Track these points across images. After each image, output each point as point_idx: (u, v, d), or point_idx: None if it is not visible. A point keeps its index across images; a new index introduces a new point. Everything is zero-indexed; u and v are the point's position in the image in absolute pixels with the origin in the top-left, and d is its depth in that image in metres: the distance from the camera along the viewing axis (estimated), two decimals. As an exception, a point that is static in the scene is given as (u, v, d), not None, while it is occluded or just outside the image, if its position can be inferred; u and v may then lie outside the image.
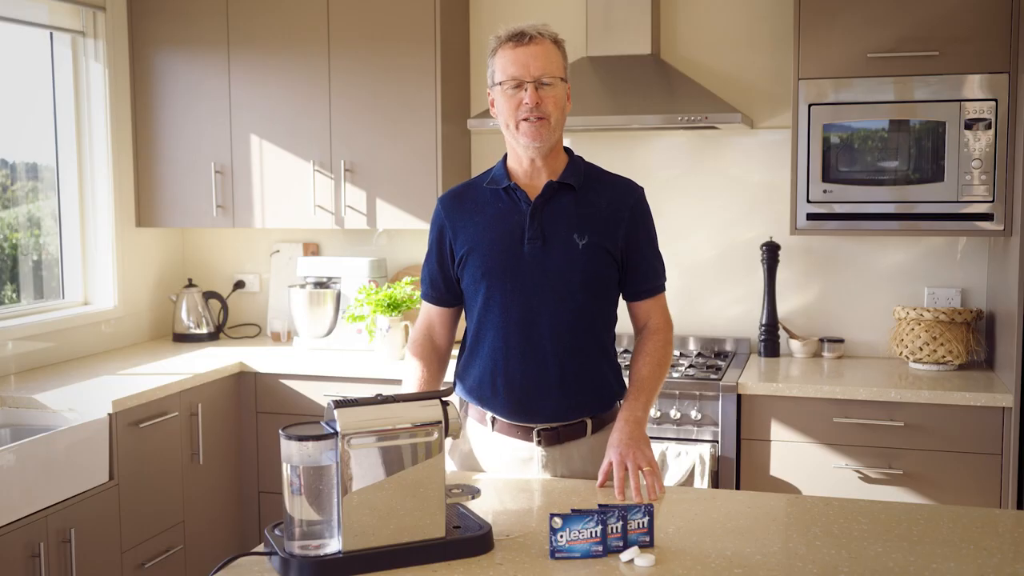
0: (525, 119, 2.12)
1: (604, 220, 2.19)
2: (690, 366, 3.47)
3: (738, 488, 3.22)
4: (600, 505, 1.78)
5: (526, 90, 2.11)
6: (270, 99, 3.84)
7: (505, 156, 2.25)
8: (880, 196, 3.27)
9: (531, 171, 2.21)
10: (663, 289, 2.31)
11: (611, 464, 2.08)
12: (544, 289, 2.16)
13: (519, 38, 2.14)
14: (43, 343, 3.58)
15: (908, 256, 3.62)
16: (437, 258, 2.29)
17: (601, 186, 2.23)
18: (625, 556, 1.69)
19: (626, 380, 2.28)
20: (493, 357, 2.21)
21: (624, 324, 2.35)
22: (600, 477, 2.11)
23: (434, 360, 2.32)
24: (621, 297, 2.30)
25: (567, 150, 2.27)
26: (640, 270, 2.25)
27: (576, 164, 2.24)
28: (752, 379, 3.24)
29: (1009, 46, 3.13)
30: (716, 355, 3.68)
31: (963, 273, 3.57)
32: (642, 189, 2.28)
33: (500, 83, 2.15)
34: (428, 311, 2.35)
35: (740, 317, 3.78)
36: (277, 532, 1.74)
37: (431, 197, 3.69)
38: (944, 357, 3.34)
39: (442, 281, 2.30)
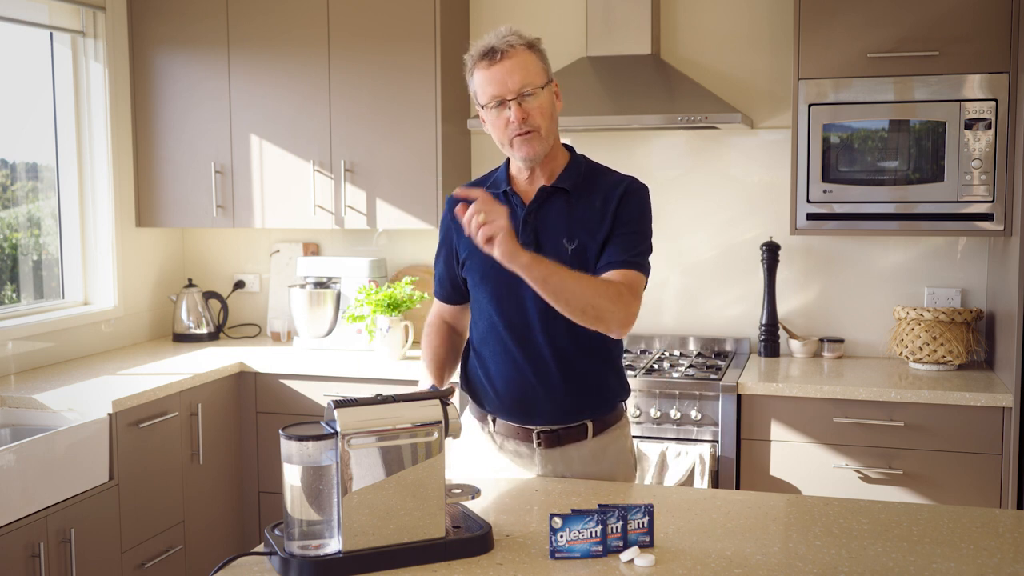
0: (516, 135, 2.10)
1: (593, 220, 2.15)
2: (690, 366, 3.47)
3: (738, 488, 3.21)
4: (600, 505, 1.78)
5: (510, 108, 2.08)
6: (270, 99, 3.84)
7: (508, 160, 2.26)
8: (880, 196, 3.27)
9: (530, 177, 2.20)
10: (634, 267, 2.10)
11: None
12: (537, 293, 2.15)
13: (491, 55, 2.08)
14: (43, 343, 3.58)
15: (908, 256, 3.62)
16: (445, 258, 2.31)
17: (596, 185, 2.19)
18: (625, 556, 1.69)
19: (629, 382, 2.26)
20: (493, 359, 2.21)
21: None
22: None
23: (450, 338, 2.34)
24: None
25: (570, 149, 2.25)
26: (607, 248, 2.13)
27: (576, 164, 2.22)
28: (752, 379, 3.24)
29: (1009, 46, 3.13)
30: (716, 355, 3.68)
31: (963, 273, 3.57)
32: (643, 186, 2.21)
33: (484, 105, 2.13)
34: (439, 307, 2.39)
35: (740, 317, 3.78)
36: (277, 532, 1.74)
37: (431, 197, 3.69)
38: (944, 357, 3.34)
39: (449, 281, 2.31)
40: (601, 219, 2.15)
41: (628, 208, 2.16)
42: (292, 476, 1.67)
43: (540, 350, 2.17)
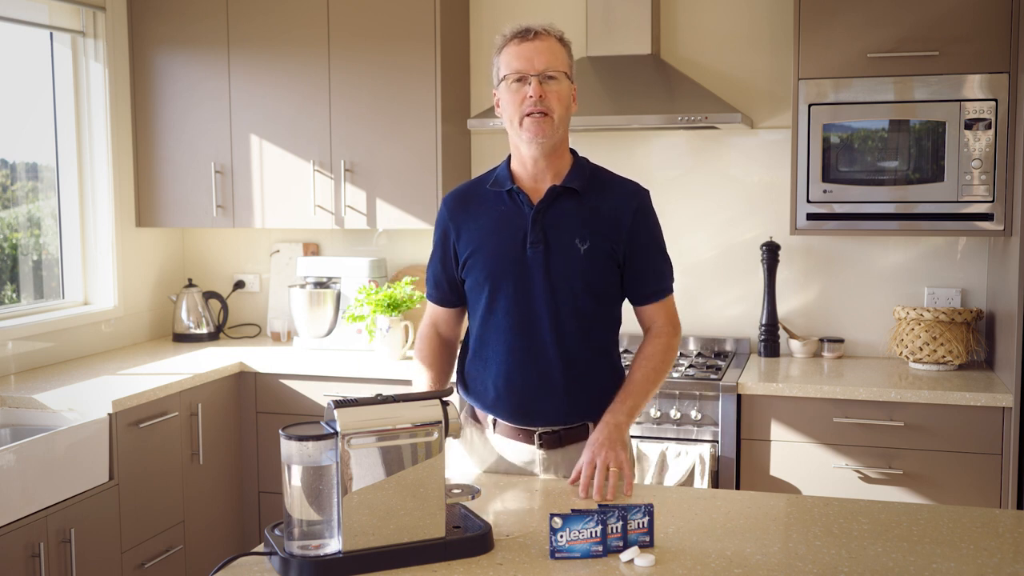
0: (528, 114, 2.11)
1: (606, 224, 2.16)
2: (690, 366, 3.47)
3: (738, 488, 3.22)
4: (600, 505, 1.78)
5: (530, 84, 2.10)
6: (270, 99, 3.84)
7: (509, 157, 2.24)
8: (880, 196, 3.27)
9: (534, 173, 2.19)
10: (669, 292, 2.27)
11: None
12: (547, 293, 2.15)
13: (524, 34, 2.14)
14: (43, 343, 3.58)
15: (908, 256, 3.62)
16: (441, 259, 2.29)
17: (605, 189, 2.21)
18: (625, 556, 1.69)
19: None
20: (495, 360, 2.20)
21: (626, 325, 2.35)
22: (572, 475, 2.10)
23: (443, 354, 2.33)
24: (627, 300, 2.27)
25: (572, 151, 2.25)
26: (643, 274, 2.22)
27: (581, 166, 2.22)
28: (752, 379, 3.24)
29: (1009, 46, 3.13)
30: (716, 355, 3.68)
31: (963, 273, 3.57)
32: (647, 192, 2.24)
33: (504, 78, 2.14)
34: (433, 311, 2.35)
35: (740, 317, 3.78)
36: (277, 532, 1.74)
37: (431, 197, 3.69)
38: (944, 357, 3.34)
39: (446, 282, 2.29)
40: (615, 227, 2.17)
41: (646, 227, 2.22)
42: (292, 476, 1.67)
43: (546, 350, 2.16)
